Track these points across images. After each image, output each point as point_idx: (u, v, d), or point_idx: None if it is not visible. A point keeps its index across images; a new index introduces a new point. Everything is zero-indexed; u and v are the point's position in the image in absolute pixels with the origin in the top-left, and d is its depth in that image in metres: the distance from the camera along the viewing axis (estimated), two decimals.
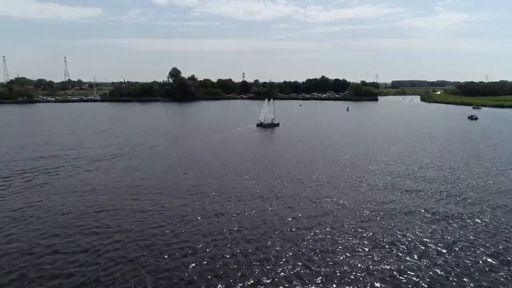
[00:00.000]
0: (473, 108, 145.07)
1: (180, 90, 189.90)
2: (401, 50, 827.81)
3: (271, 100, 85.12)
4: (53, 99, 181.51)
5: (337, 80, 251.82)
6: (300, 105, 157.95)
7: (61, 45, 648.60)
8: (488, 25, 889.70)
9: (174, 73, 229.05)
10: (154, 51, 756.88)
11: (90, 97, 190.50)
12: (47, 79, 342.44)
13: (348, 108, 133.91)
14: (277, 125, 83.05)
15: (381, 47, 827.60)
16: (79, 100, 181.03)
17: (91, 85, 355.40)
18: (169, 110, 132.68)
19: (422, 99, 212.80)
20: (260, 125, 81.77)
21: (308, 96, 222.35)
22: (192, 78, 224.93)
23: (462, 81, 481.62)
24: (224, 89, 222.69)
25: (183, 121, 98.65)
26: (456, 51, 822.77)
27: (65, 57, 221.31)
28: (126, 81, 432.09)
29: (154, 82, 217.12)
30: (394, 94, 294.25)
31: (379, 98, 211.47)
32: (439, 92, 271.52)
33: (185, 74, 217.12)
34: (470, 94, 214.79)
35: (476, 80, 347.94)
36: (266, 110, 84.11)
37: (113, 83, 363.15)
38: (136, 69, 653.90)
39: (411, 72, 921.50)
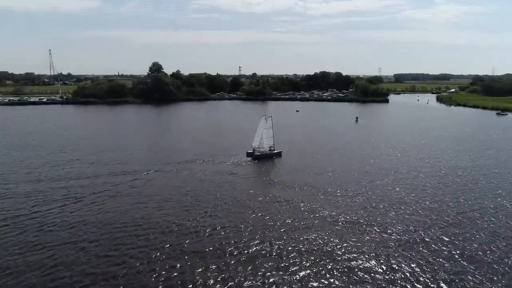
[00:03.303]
0: (497, 114, 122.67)
1: (157, 89, 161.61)
2: (401, 42, 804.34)
3: (270, 119, 57.62)
4: (7, 100, 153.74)
5: (339, 75, 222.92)
6: (297, 111, 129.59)
7: (60, 38, 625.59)
8: (489, 17, 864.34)
9: (155, 68, 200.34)
10: (152, 43, 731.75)
11: (52, 98, 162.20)
12: (43, 73, 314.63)
13: (357, 118, 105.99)
14: (278, 154, 57.21)
15: (381, 38, 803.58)
16: (37, 102, 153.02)
17: (79, 79, 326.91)
18: (127, 121, 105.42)
19: (439, 100, 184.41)
20: (252, 154, 54.97)
21: (307, 95, 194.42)
22: (176, 74, 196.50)
23: (465, 74, 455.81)
24: (213, 87, 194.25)
25: (127, 142, 69.06)
26: (456, 43, 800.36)
27: (49, 50, 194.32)
28: (120, 74, 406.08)
29: (147, 76, 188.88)
30: (403, 91, 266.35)
31: (390, 98, 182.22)
32: (453, 90, 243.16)
33: (181, 67, 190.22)
34: (491, 93, 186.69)
35: (481, 74, 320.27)
36: (262, 132, 56.59)
37: (105, 76, 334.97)
38: (136, 60, 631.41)
39: (412, 65, 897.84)
